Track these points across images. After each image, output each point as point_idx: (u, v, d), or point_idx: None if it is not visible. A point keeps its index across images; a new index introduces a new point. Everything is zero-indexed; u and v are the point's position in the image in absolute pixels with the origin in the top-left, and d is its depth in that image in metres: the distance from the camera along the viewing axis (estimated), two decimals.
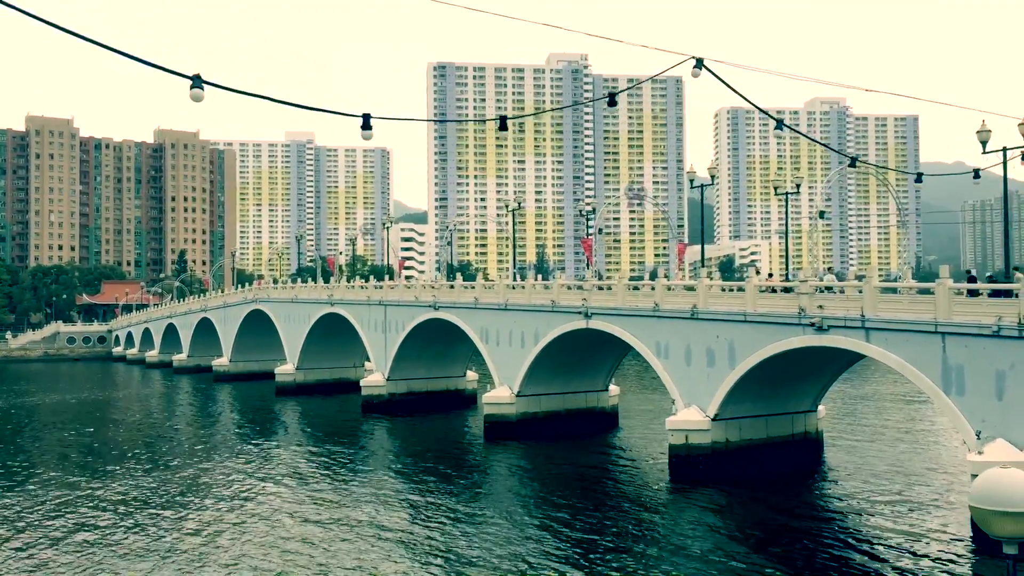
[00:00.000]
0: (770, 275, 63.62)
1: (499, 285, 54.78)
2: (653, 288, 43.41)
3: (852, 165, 39.62)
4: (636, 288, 47.14)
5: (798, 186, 45.93)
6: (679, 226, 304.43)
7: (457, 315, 57.38)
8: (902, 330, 31.29)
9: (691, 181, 44.50)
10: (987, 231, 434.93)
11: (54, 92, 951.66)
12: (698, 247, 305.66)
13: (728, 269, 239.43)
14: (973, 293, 30.35)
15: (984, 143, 30.81)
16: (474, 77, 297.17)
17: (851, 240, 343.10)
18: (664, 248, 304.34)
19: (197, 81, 18.84)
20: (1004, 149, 31.20)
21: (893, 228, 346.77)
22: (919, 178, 33.18)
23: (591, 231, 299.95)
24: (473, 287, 57.27)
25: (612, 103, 25.74)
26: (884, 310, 32.23)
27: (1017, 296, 28.17)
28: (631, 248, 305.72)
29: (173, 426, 63.56)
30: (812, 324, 34.17)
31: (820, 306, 34.24)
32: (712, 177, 42.76)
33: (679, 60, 17.36)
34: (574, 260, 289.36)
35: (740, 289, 39.10)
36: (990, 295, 30.08)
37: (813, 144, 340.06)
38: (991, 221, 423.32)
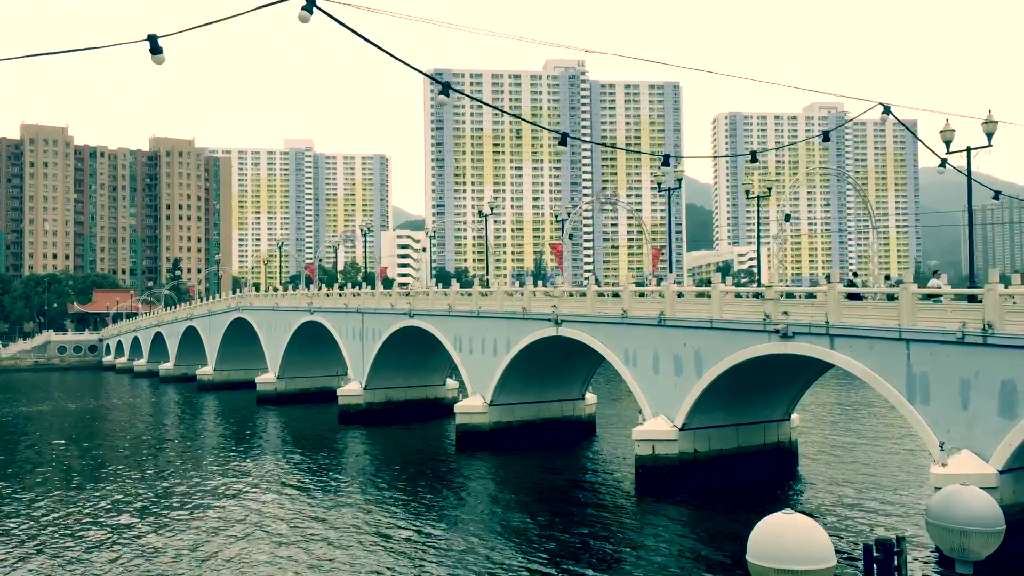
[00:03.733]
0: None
1: (473, 292, 53.82)
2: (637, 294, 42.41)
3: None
4: (614, 295, 46.10)
5: (769, 190, 45.00)
6: (676, 231, 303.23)
7: (431, 323, 56.40)
8: (867, 337, 30.25)
9: (659, 185, 43.44)
10: (988, 235, 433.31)
11: (49, 100, 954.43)
12: (699, 253, 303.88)
13: (725, 275, 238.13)
14: (855, 297, 30.52)
15: (948, 143, 29.84)
16: (471, 84, 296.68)
17: (850, 245, 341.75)
18: (663, 254, 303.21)
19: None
20: (968, 149, 30.19)
21: (870, 230, 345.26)
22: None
23: (589, 235, 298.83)
24: (447, 294, 56.29)
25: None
26: (849, 316, 31.20)
27: (982, 301, 27.15)
28: (629, 254, 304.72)
29: (149, 438, 62.50)
30: (777, 331, 33.13)
31: (785, 312, 33.20)
32: (679, 181, 41.83)
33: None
34: (571, 266, 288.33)
35: (708, 295, 38.10)
36: (954, 299, 29.08)
37: (812, 148, 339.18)
38: (992, 223, 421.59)
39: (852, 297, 31.87)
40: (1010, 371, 26.22)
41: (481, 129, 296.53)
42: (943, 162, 30.04)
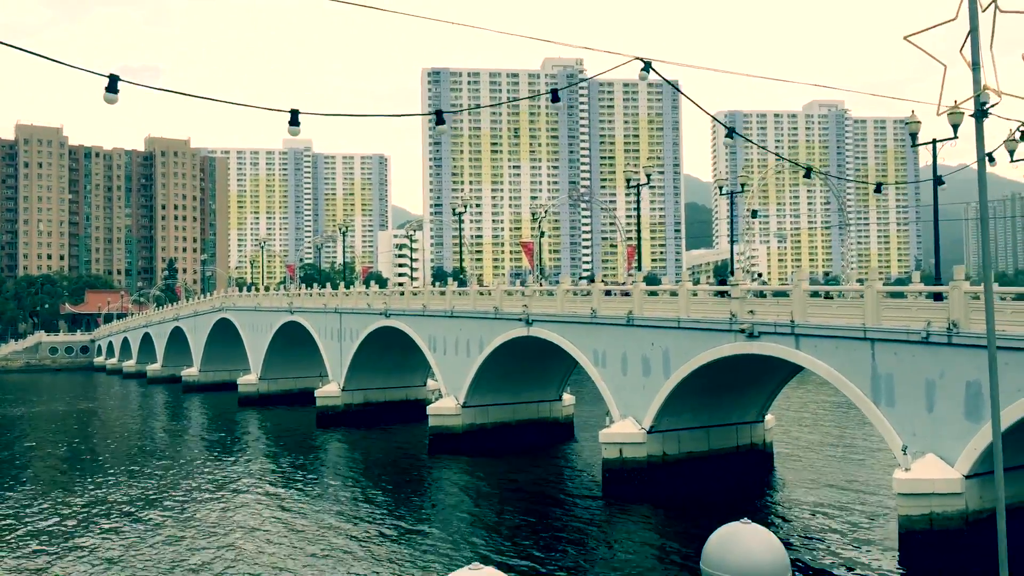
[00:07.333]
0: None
1: (447, 291, 52.85)
2: (608, 292, 41.50)
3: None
4: (585, 293, 45.16)
5: (743, 186, 44.09)
6: (676, 230, 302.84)
7: (406, 323, 55.43)
8: (831, 336, 29.25)
9: (628, 181, 42.51)
10: (990, 233, 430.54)
11: (44, 100, 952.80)
12: (698, 251, 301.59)
13: (722, 273, 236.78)
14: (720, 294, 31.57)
15: (914, 135, 28.80)
16: (469, 83, 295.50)
17: (850, 243, 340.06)
18: (662, 253, 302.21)
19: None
20: (933, 141, 29.13)
21: (853, 229, 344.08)
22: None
23: (587, 234, 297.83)
24: (421, 293, 55.34)
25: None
26: (814, 315, 30.19)
27: (946, 299, 26.13)
28: None
29: (127, 443, 61.49)
30: (743, 330, 32.13)
31: (751, 311, 32.19)
32: (648, 177, 40.88)
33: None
34: (570, 265, 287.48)
35: (675, 293, 37.12)
36: (926, 297, 28.05)
37: (812, 147, 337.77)
38: (996, 218, 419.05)
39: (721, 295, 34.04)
40: (976, 372, 25.20)
41: (479, 128, 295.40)
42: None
